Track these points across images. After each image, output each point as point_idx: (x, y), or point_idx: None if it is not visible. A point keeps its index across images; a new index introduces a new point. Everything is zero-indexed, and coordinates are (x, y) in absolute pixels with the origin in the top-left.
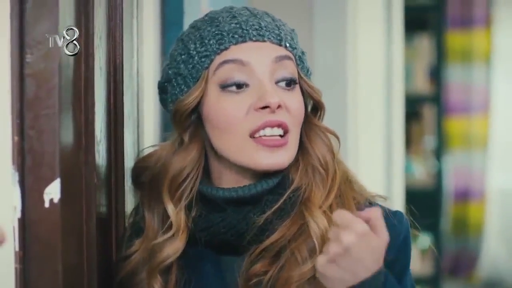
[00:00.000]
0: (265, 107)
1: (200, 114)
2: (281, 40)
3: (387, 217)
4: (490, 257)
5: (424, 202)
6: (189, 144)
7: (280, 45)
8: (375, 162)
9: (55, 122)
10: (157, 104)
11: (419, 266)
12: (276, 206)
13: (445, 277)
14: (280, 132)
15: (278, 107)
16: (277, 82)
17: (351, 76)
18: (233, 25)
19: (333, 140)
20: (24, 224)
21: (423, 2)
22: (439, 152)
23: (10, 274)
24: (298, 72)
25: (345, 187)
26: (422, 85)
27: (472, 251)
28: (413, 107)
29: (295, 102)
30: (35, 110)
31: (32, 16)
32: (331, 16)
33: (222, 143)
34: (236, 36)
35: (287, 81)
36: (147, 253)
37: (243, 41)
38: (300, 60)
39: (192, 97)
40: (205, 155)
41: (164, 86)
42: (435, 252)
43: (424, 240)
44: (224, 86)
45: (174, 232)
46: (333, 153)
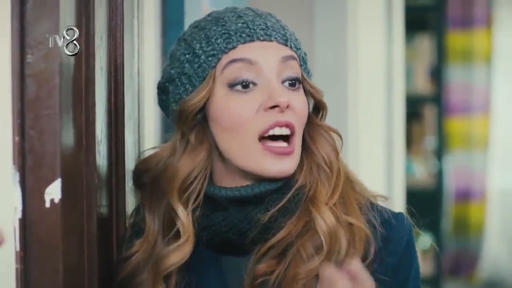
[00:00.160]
0: (274, 106)
1: (206, 114)
2: (287, 40)
3: (389, 219)
4: (491, 257)
5: (425, 202)
6: (197, 146)
7: (286, 45)
8: (375, 162)
9: (56, 122)
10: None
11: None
12: (280, 204)
13: (446, 277)
14: (287, 132)
15: (287, 107)
16: (283, 81)
17: (351, 76)
18: (240, 24)
19: (336, 139)
20: (25, 224)
21: (423, 2)
22: (439, 152)
23: (11, 274)
24: (301, 72)
25: (347, 187)
26: (423, 85)
27: (472, 251)
28: (414, 107)
29: (300, 102)
30: (36, 110)
31: (32, 16)
32: (331, 16)
33: (229, 144)
34: (243, 35)
35: (292, 81)
36: (147, 254)
37: (251, 40)
38: (303, 61)
39: (200, 96)
40: None
41: (165, 87)
42: (437, 251)
43: (425, 240)
44: (232, 85)
45: (185, 239)
46: (337, 151)
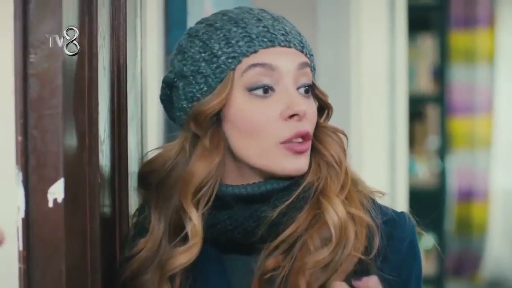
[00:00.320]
0: (293, 115)
1: (221, 116)
2: (303, 47)
3: (392, 217)
4: (494, 257)
5: (428, 202)
6: (213, 150)
7: (302, 51)
8: (378, 162)
9: (59, 122)
10: (161, 104)
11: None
12: (289, 201)
13: (449, 277)
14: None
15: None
16: (298, 88)
17: (354, 76)
18: (261, 28)
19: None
20: (28, 224)
21: (426, 2)
22: (442, 152)
23: (14, 274)
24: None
25: (351, 186)
26: (426, 85)
27: (475, 251)
28: (417, 107)
29: (312, 109)
30: (39, 110)
31: (35, 16)
32: (334, 16)
33: (246, 147)
34: (265, 40)
35: (306, 88)
36: (152, 253)
37: (272, 45)
38: (313, 67)
39: (219, 99)
40: None
41: (174, 82)
42: (440, 251)
43: (428, 240)
44: (252, 89)
45: (194, 242)
46: (345, 151)
